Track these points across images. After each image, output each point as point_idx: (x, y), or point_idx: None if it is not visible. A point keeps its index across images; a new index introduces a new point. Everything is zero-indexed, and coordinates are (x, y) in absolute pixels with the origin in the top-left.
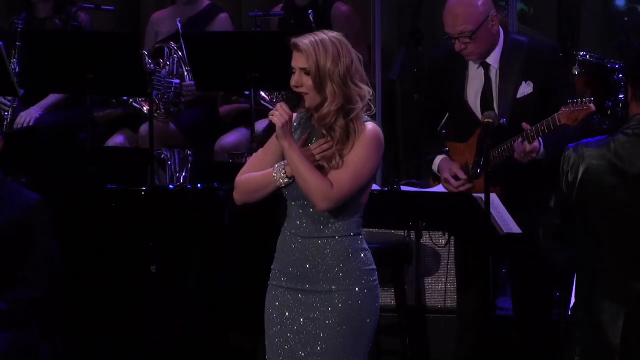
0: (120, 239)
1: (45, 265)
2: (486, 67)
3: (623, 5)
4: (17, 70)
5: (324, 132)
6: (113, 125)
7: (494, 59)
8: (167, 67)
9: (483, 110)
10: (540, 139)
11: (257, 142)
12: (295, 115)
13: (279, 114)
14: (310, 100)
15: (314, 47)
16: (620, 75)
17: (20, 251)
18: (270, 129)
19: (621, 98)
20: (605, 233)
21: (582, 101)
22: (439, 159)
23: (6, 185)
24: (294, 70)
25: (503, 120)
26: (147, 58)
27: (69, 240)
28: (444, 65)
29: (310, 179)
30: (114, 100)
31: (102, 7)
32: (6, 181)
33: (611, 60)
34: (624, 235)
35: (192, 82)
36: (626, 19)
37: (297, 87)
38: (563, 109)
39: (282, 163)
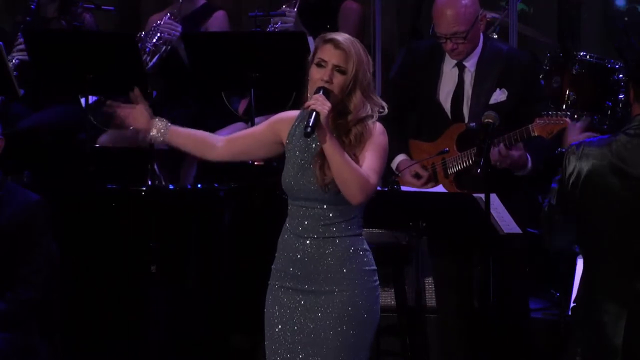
0: (120, 239)
1: (44, 265)
2: (461, 68)
3: (623, 5)
4: (15, 62)
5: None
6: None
7: (471, 62)
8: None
9: (453, 110)
10: (528, 156)
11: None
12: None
13: (321, 102)
14: (332, 97)
15: (355, 49)
16: (620, 75)
17: (20, 251)
18: (316, 123)
19: (621, 98)
20: (606, 233)
21: (557, 114)
22: (398, 158)
23: (6, 185)
24: (323, 64)
25: (472, 125)
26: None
27: (69, 240)
28: (421, 59)
29: (351, 171)
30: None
31: (102, 7)
32: (6, 181)
33: (611, 60)
34: (625, 235)
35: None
36: (626, 19)
37: (327, 82)
38: (538, 121)
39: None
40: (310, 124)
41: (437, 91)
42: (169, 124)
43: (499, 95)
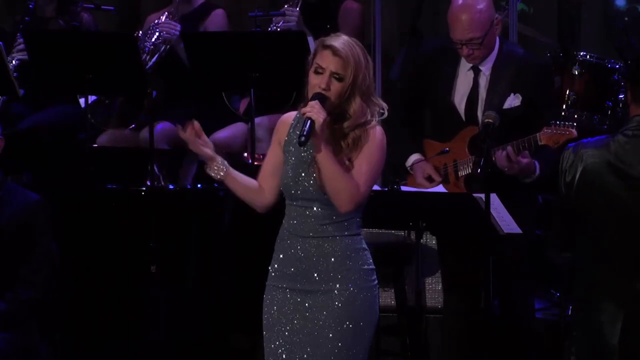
0: (120, 239)
1: (44, 266)
2: (477, 71)
3: (623, 5)
4: (15, 62)
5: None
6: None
7: (486, 66)
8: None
9: (467, 113)
10: (536, 163)
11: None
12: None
13: (317, 110)
14: (328, 105)
15: (354, 54)
16: (620, 75)
17: (20, 251)
18: (310, 132)
19: (621, 98)
20: (604, 233)
21: (564, 124)
22: (412, 158)
23: (6, 185)
24: (321, 71)
25: None
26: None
27: (69, 240)
28: (435, 61)
29: (342, 180)
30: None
31: (102, 7)
32: (6, 181)
33: (611, 60)
34: (623, 235)
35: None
36: (626, 19)
37: (324, 89)
38: (545, 130)
39: (224, 166)
40: (305, 133)
41: (452, 93)
42: (229, 167)
43: (513, 100)
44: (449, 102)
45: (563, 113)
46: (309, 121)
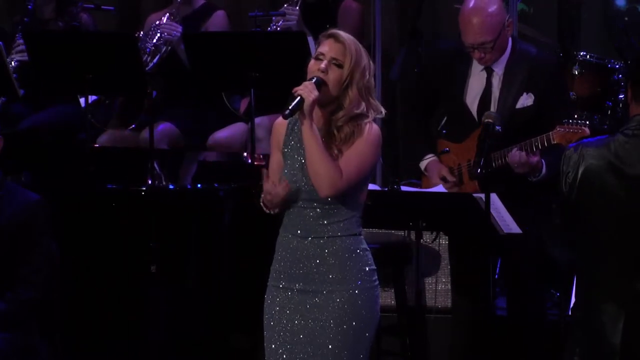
0: (120, 239)
1: (44, 266)
2: (489, 71)
3: (623, 5)
4: (15, 64)
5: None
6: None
7: (499, 66)
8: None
9: (480, 113)
10: (543, 161)
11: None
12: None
13: (309, 89)
14: (325, 93)
15: (355, 47)
16: (620, 75)
17: (20, 251)
18: (297, 108)
19: (621, 98)
20: (605, 233)
21: (577, 123)
22: (427, 159)
23: (6, 185)
24: (321, 57)
25: (498, 128)
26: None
27: (69, 240)
28: (447, 61)
29: (324, 163)
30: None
31: (102, 7)
32: (6, 181)
33: (611, 60)
34: (624, 235)
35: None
36: (626, 19)
37: (323, 72)
38: (558, 129)
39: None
40: (290, 107)
41: (464, 93)
42: None
43: (526, 100)
44: (462, 102)
45: None
46: (298, 97)
